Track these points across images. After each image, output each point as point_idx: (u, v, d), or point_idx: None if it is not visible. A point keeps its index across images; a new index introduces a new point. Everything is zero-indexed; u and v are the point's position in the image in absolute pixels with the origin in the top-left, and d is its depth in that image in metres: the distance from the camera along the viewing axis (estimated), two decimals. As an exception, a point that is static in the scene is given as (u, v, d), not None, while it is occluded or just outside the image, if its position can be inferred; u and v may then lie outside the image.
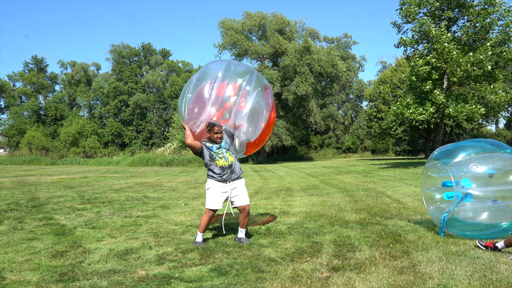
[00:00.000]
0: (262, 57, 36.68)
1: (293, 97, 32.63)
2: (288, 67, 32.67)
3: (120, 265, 4.02)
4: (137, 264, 4.05)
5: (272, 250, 4.45)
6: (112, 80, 54.07)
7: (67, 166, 32.37)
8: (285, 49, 33.89)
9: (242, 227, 4.89)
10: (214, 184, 4.79)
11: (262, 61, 36.99)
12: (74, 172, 21.17)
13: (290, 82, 33.99)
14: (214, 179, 4.80)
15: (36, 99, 54.73)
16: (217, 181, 4.79)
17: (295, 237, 5.09)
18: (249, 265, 3.91)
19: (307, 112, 35.64)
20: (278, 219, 6.44)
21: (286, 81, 33.94)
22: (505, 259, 3.95)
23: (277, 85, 32.95)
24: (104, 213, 7.27)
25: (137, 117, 53.62)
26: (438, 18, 20.34)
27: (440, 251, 4.28)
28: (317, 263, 3.95)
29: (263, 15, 35.78)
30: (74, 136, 48.30)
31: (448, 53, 18.43)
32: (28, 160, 35.99)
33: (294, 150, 42.41)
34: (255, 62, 37.73)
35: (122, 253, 4.46)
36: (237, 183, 4.87)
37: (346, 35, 50.39)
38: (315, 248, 4.51)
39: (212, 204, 4.78)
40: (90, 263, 4.09)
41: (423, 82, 19.76)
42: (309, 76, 32.56)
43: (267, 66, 36.59)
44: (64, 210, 7.67)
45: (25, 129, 49.45)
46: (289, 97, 32.80)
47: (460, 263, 3.83)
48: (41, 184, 13.53)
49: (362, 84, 53.96)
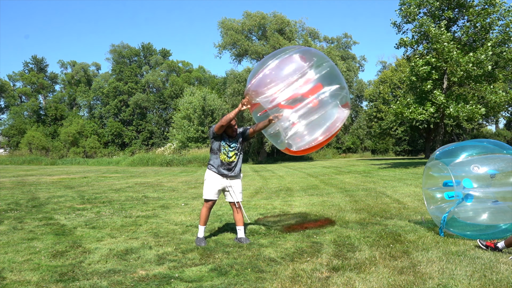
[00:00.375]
0: (262, 57, 36.70)
1: (293, 97, 32.63)
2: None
3: (120, 265, 4.02)
4: (137, 264, 4.05)
5: (272, 250, 4.45)
6: (112, 80, 54.09)
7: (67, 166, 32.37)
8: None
9: (238, 224, 4.95)
10: (212, 175, 4.92)
11: (262, 61, 37.02)
12: (74, 172, 21.17)
13: (290, 82, 33.97)
14: (212, 171, 4.93)
15: (36, 99, 54.74)
16: (215, 172, 4.91)
17: (295, 237, 5.09)
18: (249, 265, 3.91)
19: (307, 112, 35.59)
20: (278, 218, 6.44)
21: (286, 81, 33.95)
22: (505, 259, 3.95)
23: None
24: (104, 213, 7.27)
25: (137, 117, 53.63)
26: (438, 18, 20.35)
27: (440, 251, 4.28)
28: (317, 263, 3.95)
29: (263, 15, 35.81)
30: (74, 136, 48.32)
31: (448, 53, 18.43)
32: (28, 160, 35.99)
33: (294, 150, 42.34)
34: (255, 62, 37.75)
35: (122, 253, 4.46)
36: (234, 181, 4.98)
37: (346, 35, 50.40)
38: (315, 248, 4.51)
39: (208, 194, 4.90)
40: (90, 263, 4.09)
41: (423, 82, 19.77)
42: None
43: (267, 66, 36.60)
44: (64, 210, 7.66)
45: (25, 129, 49.46)
46: (289, 97, 32.79)
47: (460, 263, 3.83)
48: (41, 184, 13.53)
49: (362, 84, 53.98)
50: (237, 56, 36.75)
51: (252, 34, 37.20)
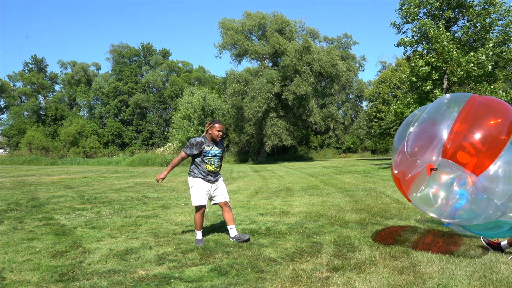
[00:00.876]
0: (262, 57, 36.70)
1: (293, 97, 32.63)
2: (288, 67, 32.68)
3: (120, 265, 4.02)
4: (137, 264, 4.05)
5: (272, 250, 4.45)
6: (112, 80, 54.13)
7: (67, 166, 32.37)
8: (285, 49, 33.90)
9: (230, 223, 4.96)
10: (199, 181, 4.91)
11: (262, 61, 37.01)
12: (74, 172, 21.17)
13: (290, 82, 33.99)
14: (199, 177, 4.91)
15: (36, 99, 54.78)
16: (201, 178, 4.91)
17: (295, 237, 5.09)
18: (249, 265, 3.91)
19: (307, 112, 35.65)
20: (278, 219, 6.44)
21: (286, 81, 33.95)
22: (505, 259, 3.95)
23: (277, 85, 32.96)
24: (104, 213, 7.27)
25: (137, 117, 53.65)
26: (438, 18, 20.35)
27: (440, 251, 4.28)
28: (317, 263, 3.95)
29: (263, 15, 35.80)
30: (74, 136, 48.36)
31: (448, 53, 18.44)
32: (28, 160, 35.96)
33: (294, 150, 42.42)
34: (255, 62, 37.77)
35: (122, 253, 4.46)
36: (218, 182, 5.04)
37: (346, 35, 50.41)
38: (315, 248, 4.51)
39: (198, 200, 4.88)
40: (90, 263, 4.09)
41: (423, 82, 19.77)
42: (309, 76, 32.56)
43: (267, 66, 36.61)
44: (64, 210, 7.66)
45: (25, 129, 49.48)
46: (289, 97, 32.80)
47: (460, 263, 3.83)
48: (41, 184, 13.53)
49: (362, 84, 53.98)
50: (237, 56, 36.73)
51: (252, 34, 37.19)
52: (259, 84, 32.06)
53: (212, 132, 4.90)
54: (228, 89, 34.71)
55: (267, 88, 32.07)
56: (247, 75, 34.36)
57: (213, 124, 4.90)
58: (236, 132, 37.01)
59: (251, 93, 32.11)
